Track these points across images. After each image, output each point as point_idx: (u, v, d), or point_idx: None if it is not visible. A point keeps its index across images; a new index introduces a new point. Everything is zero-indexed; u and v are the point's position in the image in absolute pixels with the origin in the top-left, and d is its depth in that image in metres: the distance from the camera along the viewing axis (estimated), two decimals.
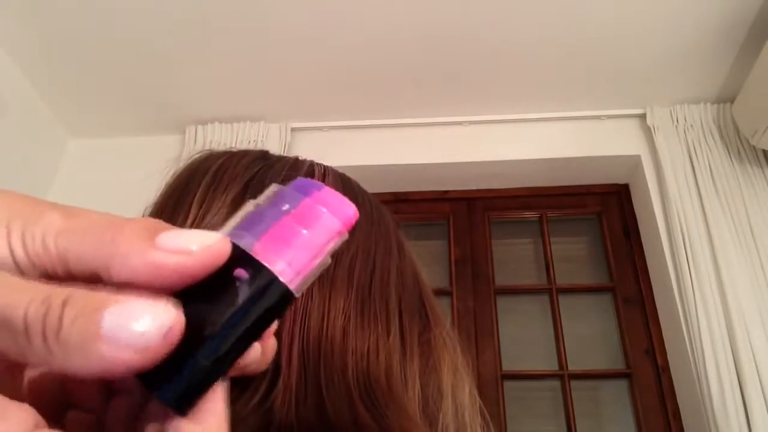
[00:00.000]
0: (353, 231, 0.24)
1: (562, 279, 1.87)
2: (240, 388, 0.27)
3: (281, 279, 0.18)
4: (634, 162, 1.88)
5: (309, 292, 0.29)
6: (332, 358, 0.27)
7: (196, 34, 1.65)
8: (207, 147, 0.78)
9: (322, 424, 0.27)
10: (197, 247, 0.17)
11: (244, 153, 0.36)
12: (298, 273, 0.18)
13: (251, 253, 0.18)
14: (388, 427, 0.27)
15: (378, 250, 0.32)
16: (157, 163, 0.46)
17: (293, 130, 1.95)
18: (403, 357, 0.29)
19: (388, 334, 0.29)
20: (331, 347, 0.28)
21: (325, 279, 0.29)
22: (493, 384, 1.68)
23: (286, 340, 0.28)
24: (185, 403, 0.17)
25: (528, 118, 1.93)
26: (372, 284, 0.30)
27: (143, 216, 0.32)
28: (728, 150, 1.74)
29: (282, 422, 0.26)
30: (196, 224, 0.31)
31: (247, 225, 0.19)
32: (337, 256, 0.30)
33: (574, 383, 1.70)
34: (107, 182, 1.84)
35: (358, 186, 0.37)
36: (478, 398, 0.35)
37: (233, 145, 1.11)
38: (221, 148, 0.39)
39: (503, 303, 1.86)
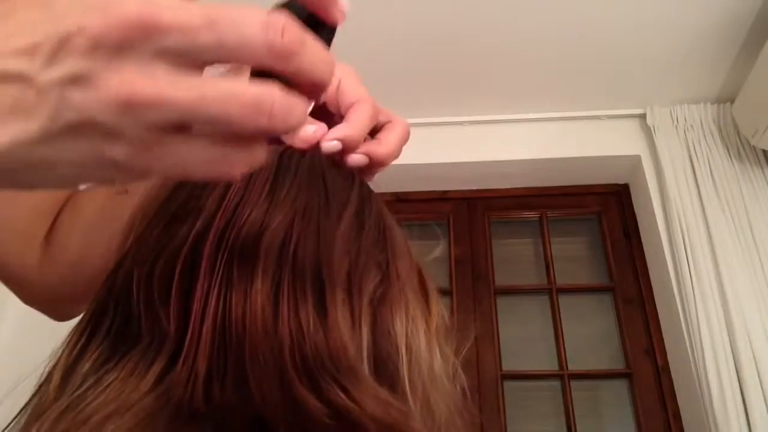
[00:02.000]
0: (288, 198, 0.28)
1: (562, 279, 1.87)
2: (129, 370, 0.27)
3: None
4: (634, 162, 1.88)
5: (229, 270, 0.27)
6: (259, 338, 0.26)
7: None
8: None
9: (245, 408, 0.26)
10: None
11: None
12: None
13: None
14: (338, 405, 0.26)
15: (322, 214, 0.31)
16: None
17: None
18: (352, 323, 0.28)
19: (327, 304, 0.27)
20: (258, 326, 0.26)
21: (251, 255, 0.28)
22: (493, 384, 1.68)
23: (194, 319, 0.26)
24: None
25: (528, 118, 1.93)
26: (305, 255, 0.28)
27: None
28: (728, 150, 1.74)
29: (184, 405, 0.26)
30: None
31: None
32: (270, 228, 0.29)
33: (574, 383, 1.70)
34: None
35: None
36: (443, 346, 0.33)
37: None
38: None
39: (503, 303, 1.86)
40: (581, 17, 1.59)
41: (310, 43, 0.21)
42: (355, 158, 0.35)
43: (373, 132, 0.38)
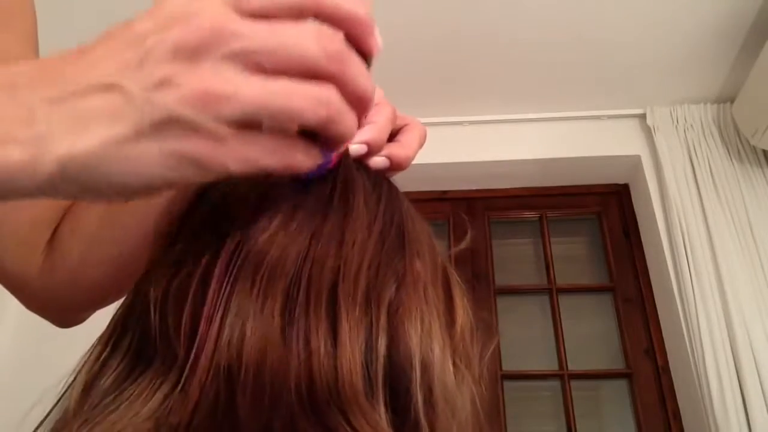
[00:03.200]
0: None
1: (562, 279, 1.87)
2: (139, 392, 0.26)
3: None
4: (634, 162, 1.88)
5: (236, 293, 0.26)
6: (258, 366, 0.25)
7: None
8: None
9: None
10: None
11: None
12: None
13: None
14: None
15: (345, 232, 0.29)
16: None
17: None
18: (367, 341, 0.27)
19: (339, 328, 0.26)
20: (258, 353, 0.25)
21: (261, 276, 0.27)
22: (493, 384, 1.68)
23: (198, 344, 0.26)
24: None
25: (528, 118, 1.93)
26: (322, 276, 0.27)
27: None
28: (728, 150, 1.74)
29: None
30: None
31: None
32: (285, 247, 0.28)
33: (574, 383, 1.70)
34: None
35: None
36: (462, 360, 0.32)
37: None
38: None
39: (503, 303, 1.86)
40: (581, 17, 1.59)
41: (354, 57, 0.25)
42: (378, 161, 0.36)
43: (390, 135, 0.38)
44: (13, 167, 0.20)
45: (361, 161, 0.35)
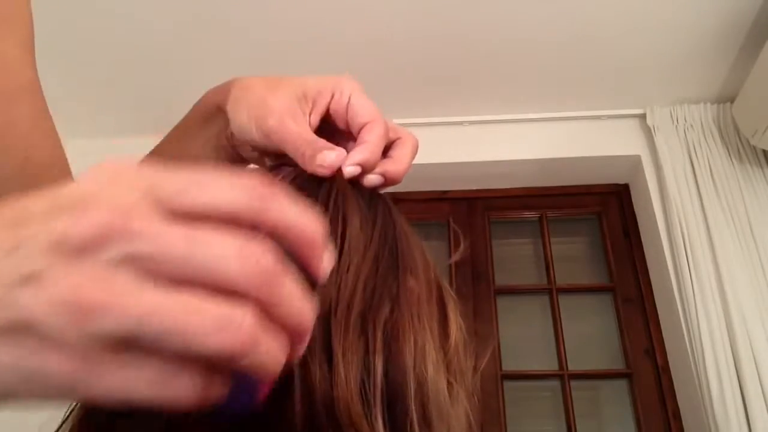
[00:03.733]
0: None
1: (562, 279, 1.87)
2: None
3: None
4: (634, 162, 1.88)
5: None
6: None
7: (196, 34, 1.65)
8: None
9: None
10: None
11: None
12: None
13: None
14: None
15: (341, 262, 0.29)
16: None
17: None
18: (365, 362, 0.27)
19: (333, 351, 0.26)
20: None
21: None
22: (493, 384, 1.68)
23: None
24: None
25: (528, 118, 1.93)
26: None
27: None
28: (728, 150, 1.74)
29: None
30: None
31: None
32: None
33: (574, 383, 1.70)
34: None
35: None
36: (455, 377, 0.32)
37: None
38: None
39: (503, 303, 1.86)
40: (581, 17, 1.59)
41: (287, 279, 0.20)
42: (371, 179, 0.36)
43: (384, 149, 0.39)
44: None
45: (354, 181, 0.35)
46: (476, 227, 1.96)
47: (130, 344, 0.18)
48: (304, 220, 0.21)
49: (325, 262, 0.23)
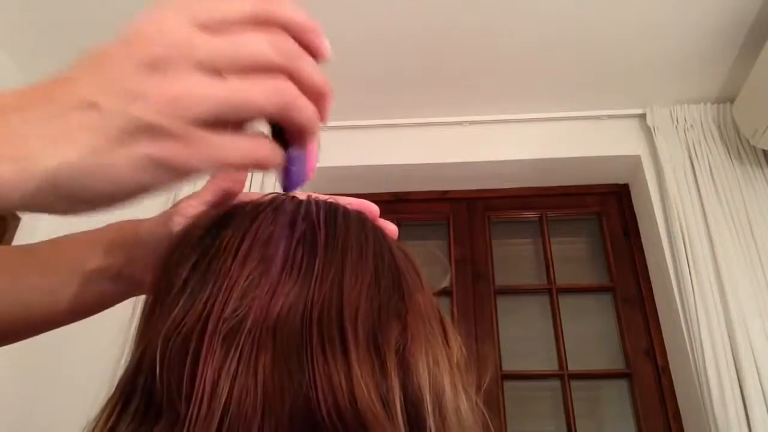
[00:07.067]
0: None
1: (562, 279, 1.87)
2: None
3: None
4: (634, 162, 1.88)
5: (233, 349, 0.26)
6: (253, 417, 0.25)
7: None
8: None
9: None
10: None
11: None
12: None
13: None
14: None
15: (344, 277, 0.30)
16: None
17: None
18: (382, 378, 0.27)
19: (351, 363, 0.27)
20: (254, 408, 0.26)
21: (263, 330, 0.27)
22: (493, 384, 1.68)
23: (195, 402, 0.26)
24: None
25: (528, 118, 1.93)
26: (329, 322, 0.28)
27: None
28: (728, 150, 1.74)
29: None
30: None
31: None
32: (285, 299, 0.28)
33: (574, 383, 1.70)
34: None
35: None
36: (468, 388, 0.33)
37: None
38: None
39: (503, 303, 1.86)
40: (581, 18, 1.59)
41: (306, 55, 0.28)
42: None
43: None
44: (1, 182, 0.22)
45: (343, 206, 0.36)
46: (476, 227, 1.96)
47: (219, 123, 0.25)
48: (304, 15, 0.29)
49: (326, 42, 0.30)
